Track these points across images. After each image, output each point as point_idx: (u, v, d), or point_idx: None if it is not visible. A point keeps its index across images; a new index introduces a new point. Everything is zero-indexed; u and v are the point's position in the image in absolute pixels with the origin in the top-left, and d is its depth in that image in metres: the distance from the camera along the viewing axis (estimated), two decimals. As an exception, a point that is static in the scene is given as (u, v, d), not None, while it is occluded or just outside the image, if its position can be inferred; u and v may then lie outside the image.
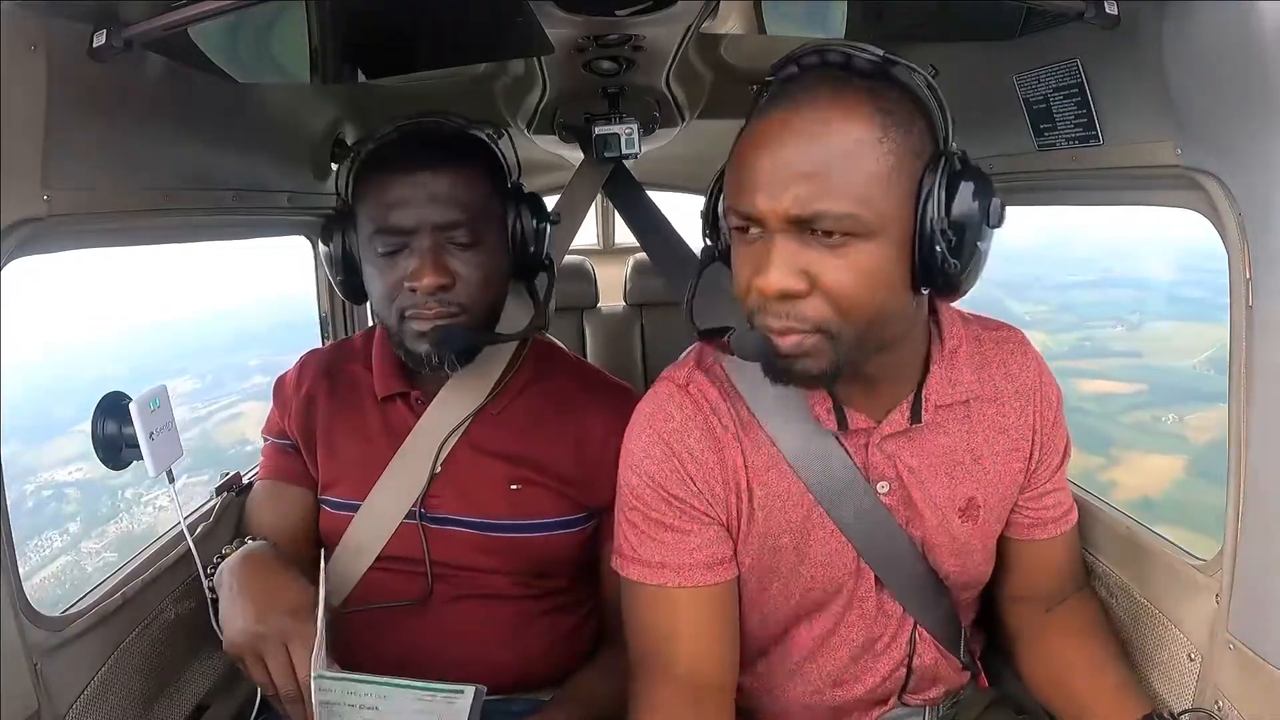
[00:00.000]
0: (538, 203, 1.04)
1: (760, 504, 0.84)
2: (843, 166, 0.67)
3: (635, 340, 2.48)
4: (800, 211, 0.67)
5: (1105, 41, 0.80)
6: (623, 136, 1.22)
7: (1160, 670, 0.88)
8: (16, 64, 0.67)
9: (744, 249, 0.72)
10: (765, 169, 0.68)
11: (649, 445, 0.84)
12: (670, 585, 0.83)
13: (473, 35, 0.98)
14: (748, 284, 0.71)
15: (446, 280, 0.93)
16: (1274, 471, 0.72)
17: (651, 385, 0.90)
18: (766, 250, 0.69)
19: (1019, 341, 0.90)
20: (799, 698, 0.94)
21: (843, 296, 0.69)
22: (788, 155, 0.67)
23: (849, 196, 0.67)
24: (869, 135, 0.67)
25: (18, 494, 7.34)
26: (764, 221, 0.69)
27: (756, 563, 0.87)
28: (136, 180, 0.89)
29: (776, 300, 0.69)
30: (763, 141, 0.69)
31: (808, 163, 0.67)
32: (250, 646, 0.82)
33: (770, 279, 0.68)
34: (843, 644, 0.91)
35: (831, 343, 0.70)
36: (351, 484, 1.04)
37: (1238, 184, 0.71)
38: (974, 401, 0.86)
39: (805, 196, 0.66)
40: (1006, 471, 0.88)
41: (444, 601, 1.01)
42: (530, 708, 0.99)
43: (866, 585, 0.88)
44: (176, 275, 35.18)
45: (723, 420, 0.84)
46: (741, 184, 0.70)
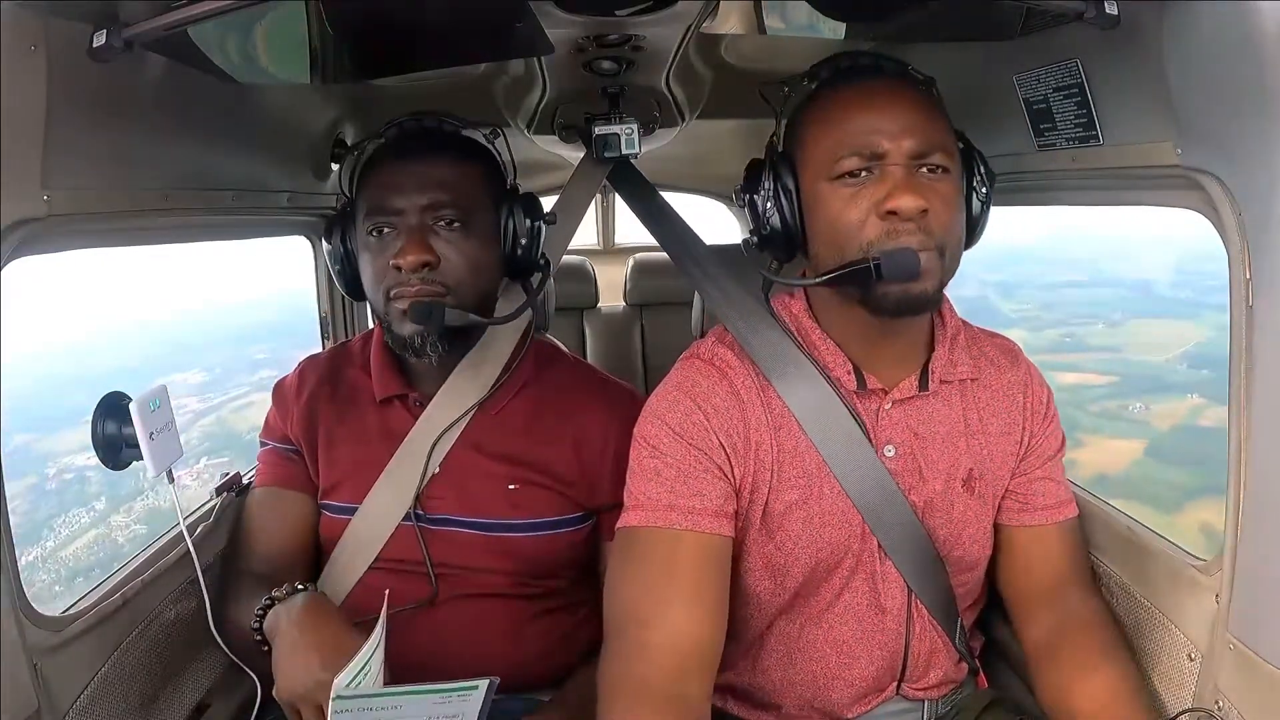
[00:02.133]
0: (533, 203, 1.05)
1: (777, 459, 0.89)
2: (932, 116, 0.84)
3: (635, 340, 2.48)
4: (924, 146, 0.81)
5: (1105, 41, 0.80)
6: (623, 136, 1.22)
7: (1160, 670, 0.88)
8: (16, 64, 0.67)
9: (852, 191, 0.82)
10: (878, 118, 0.82)
11: (675, 399, 0.90)
12: (678, 527, 0.85)
13: (473, 35, 0.99)
14: (865, 218, 0.82)
15: (430, 257, 0.95)
16: (1274, 471, 0.72)
17: (674, 366, 0.96)
18: (892, 180, 0.81)
19: (1011, 349, 1.00)
20: (801, 676, 0.95)
21: (946, 218, 0.82)
22: (894, 108, 0.82)
23: (943, 136, 0.84)
24: (932, 101, 0.86)
25: (39, 477, 7.44)
26: (887, 157, 0.81)
27: (768, 520, 0.89)
28: (136, 180, 0.89)
29: (912, 218, 0.80)
30: (862, 101, 0.83)
31: (912, 114, 0.82)
32: (312, 698, 0.81)
33: (909, 199, 0.79)
34: (847, 612, 0.93)
35: (941, 262, 0.82)
36: (351, 487, 1.04)
37: (1238, 184, 0.71)
38: (970, 383, 0.94)
39: (923, 136, 0.81)
40: (999, 449, 0.94)
41: (443, 601, 1.01)
42: (529, 708, 0.99)
43: (870, 551, 0.91)
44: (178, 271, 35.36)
45: (746, 381, 0.91)
46: (852, 133, 0.82)
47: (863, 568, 0.92)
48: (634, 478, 0.89)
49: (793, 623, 0.94)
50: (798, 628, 0.94)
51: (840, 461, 0.89)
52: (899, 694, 0.96)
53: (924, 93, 0.86)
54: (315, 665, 0.82)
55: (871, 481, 0.89)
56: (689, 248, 1.14)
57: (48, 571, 15.05)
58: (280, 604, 0.90)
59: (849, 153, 0.82)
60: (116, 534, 13.66)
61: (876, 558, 0.91)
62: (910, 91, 0.85)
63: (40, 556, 15.11)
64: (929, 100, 0.86)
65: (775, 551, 0.90)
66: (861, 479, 0.89)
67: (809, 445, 0.89)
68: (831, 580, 0.92)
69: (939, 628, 0.95)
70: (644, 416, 0.91)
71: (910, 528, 0.91)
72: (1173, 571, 0.87)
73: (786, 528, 0.90)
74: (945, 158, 0.82)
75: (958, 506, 0.92)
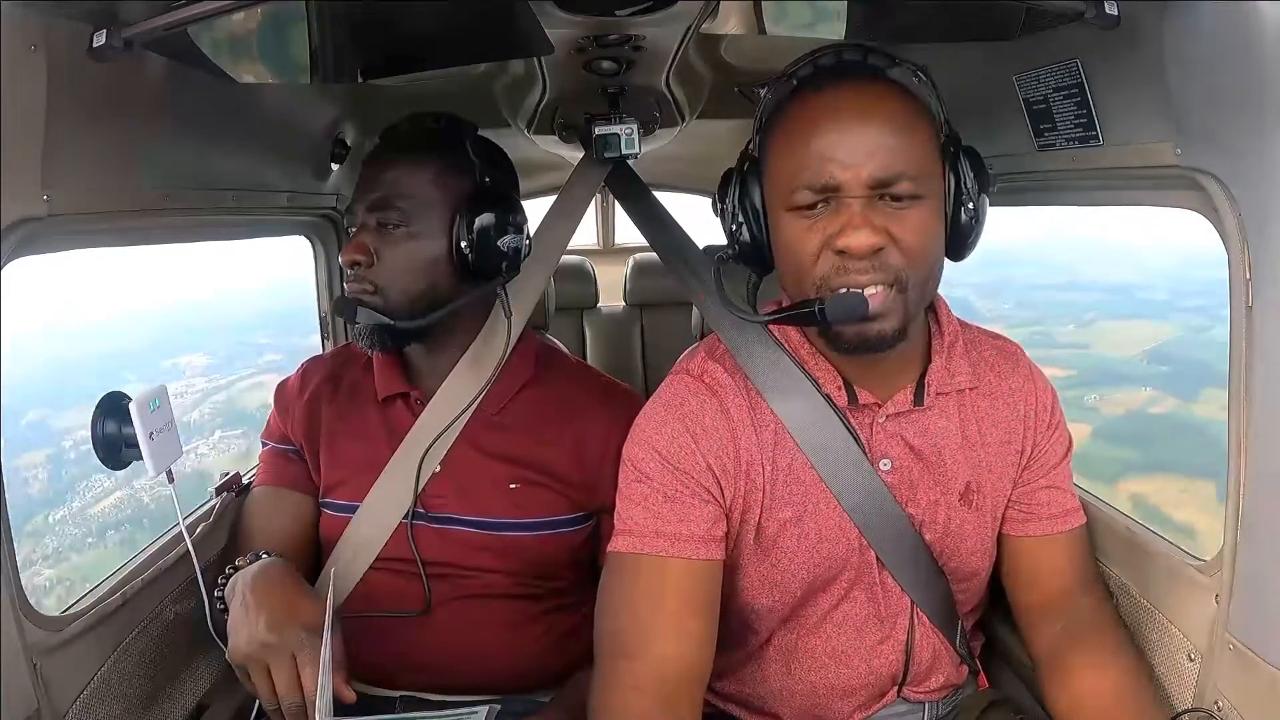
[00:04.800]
0: (504, 204, 1.01)
1: (769, 478, 0.87)
2: (905, 135, 0.76)
3: (635, 340, 2.48)
4: (884, 174, 0.75)
5: (1105, 41, 0.80)
6: (623, 136, 1.22)
7: (1160, 670, 0.88)
8: (16, 64, 0.67)
9: (808, 223, 0.78)
10: (838, 142, 0.75)
11: (662, 422, 0.88)
12: (664, 555, 0.84)
13: (473, 35, 0.99)
14: (819, 252, 0.78)
15: (359, 256, 0.98)
16: (1274, 471, 0.72)
17: (664, 379, 0.93)
18: (846, 215, 0.76)
19: (1012, 351, 0.96)
20: (801, 686, 0.94)
21: (912, 249, 0.77)
22: (858, 127, 0.75)
23: (914, 161, 0.76)
24: (913, 110, 0.78)
25: (57, 449, 8.42)
26: (841, 189, 0.76)
27: (762, 539, 0.88)
28: (136, 180, 0.89)
29: (864, 257, 0.76)
30: (825, 119, 0.76)
31: (879, 133, 0.75)
32: (258, 656, 0.81)
33: (862, 236, 0.75)
34: (846, 622, 0.92)
35: (902, 298, 0.78)
36: (353, 486, 1.04)
37: (1237, 184, 0.71)
38: (969, 393, 0.91)
39: (886, 161, 0.75)
40: (999, 460, 0.91)
41: (444, 602, 1.01)
42: (530, 708, 1.00)
43: (868, 564, 0.90)
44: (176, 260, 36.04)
45: (736, 400, 0.89)
46: (808, 160, 0.76)
47: (862, 580, 0.91)
48: (622, 501, 0.88)
49: (791, 633, 0.94)
50: (796, 638, 0.94)
51: (836, 477, 0.87)
52: (900, 697, 0.96)
53: (904, 99, 0.79)
54: (262, 626, 0.82)
55: (868, 496, 0.87)
56: (684, 253, 1.13)
57: (77, 526, 15.82)
58: (239, 571, 0.91)
59: (802, 185, 0.77)
60: (141, 494, 14.34)
61: (875, 569, 0.90)
62: (886, 103, 0.77)
63: (68, 515, 15.91)
64: (908, 109, 0.78)
65: (771, 569, 0.90)
66: (857, 493, 0.87)
67: (804, 462, 0.87)
68: (829, 592, 0.91)
69: (940, 635, 0.94)
70: (632, 438, 0.89)
71: (908, 540, 0.89)
72: (1172, 571, 0.87)
73: (782, 544, 0.89)
74: (914, 184, 0.76)
75: (955, 520, 0.90)
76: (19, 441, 15.95)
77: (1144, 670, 0.86)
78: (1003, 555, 0.95)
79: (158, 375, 22.59)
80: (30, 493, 16.68)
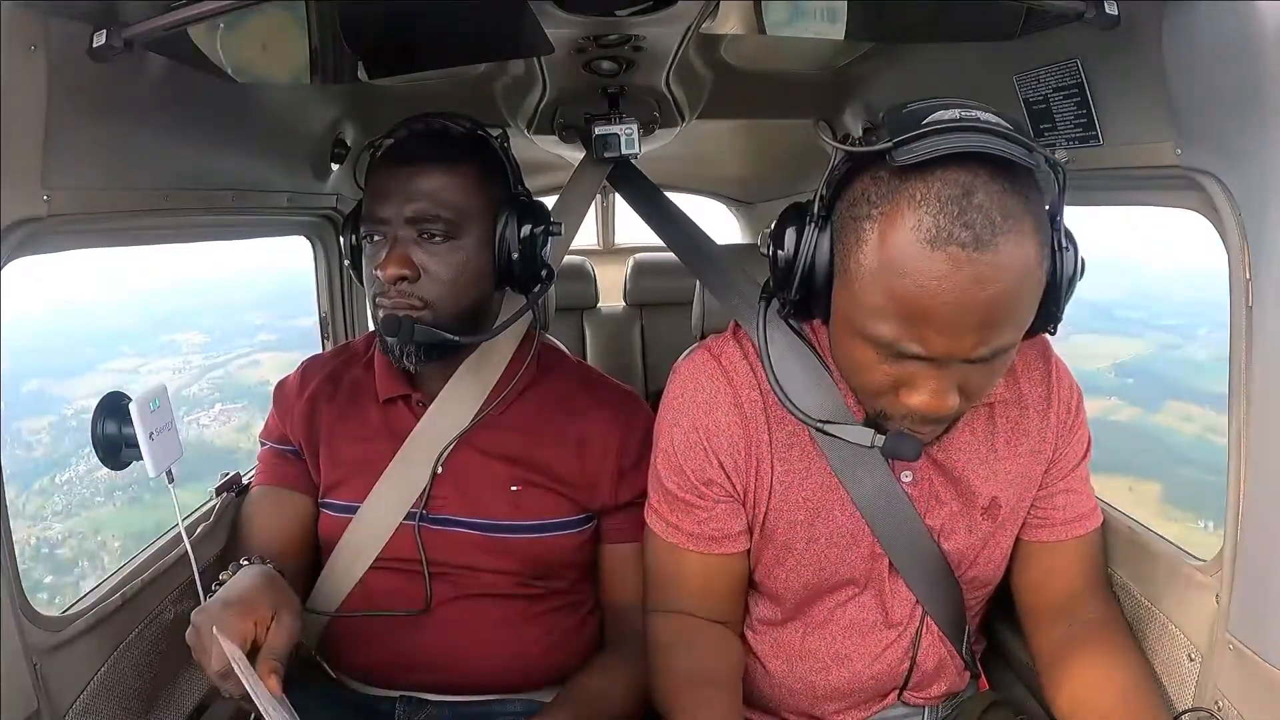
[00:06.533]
0: (538, 211, 1.01)
1: (780, 478, 0.87)
2: (1017, 301, 0.67)
3: (635, 340, 2.48)
4: (984, 353, 0.67)
5: (1105, 41, 0.80)
6: (623, 136, 1.22)
7: (1160, 670, 0.88)
8: (16, 64, 0.67)
9: (881, 360, 0.71)
10: (946, 315, 0.65)
11: (675, 418, 0.90)
12: (680, 546, 0.90)
13: (473, 35, 0.98)
14: (885, 390, 0.73)
15: (406, 271, 0.93)
16: (1274, 471, 0.72)
17: (683, 358, 0.95)
18: (935, 382, 0.70)
19: (1042, 348, 0.92)
20: (800, 685, 0.94)
21: (977, 395, 0.73)
22: (970, 301, 0.64)
23: (1018, 325, 0.69)
24: (1035, 258, 0.66)
25: (59, 416, 9.44)
26: (936, 360, 0.68)
27: (773, 536, 0.89)
28: (136, 180, 0.89)
29: (932, 417, 0.72)
30: (938, 282, 0.64)
31: (991, 308, 0.65)
32: (189, 637, 0.76)
33: (947, 403, 0.70)
34: (852, 625, 0.92)
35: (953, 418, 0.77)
36: (353, 486, 1.04)
37: (1237, 184, 0.71)
38: (998, 404, 0.88)
39: (989, 338, 0.67)
40: (1028, 471, 0.89)
41: (444, 602, 1.01)
42: (530, 708, 0.99)
43: (880, 570, 0.90)
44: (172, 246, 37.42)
45: (750, 394, 0.88)
46: (908, 321, 0.67)
47: (871, 584, 0.91)
48: (652, 482, 0.94)
49: (795, 631, 0.94)
50: (799, 636, 0.94)
51: (855, 482, 0.86)
52: (900, 700, 0.96)
53: (1024, 254, 0.65)
54: (212, 604, 0.77)
55: (887, 505, 0.86)
56: (700, 248, 1.12)
57: (85, 487, 16.35)
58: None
59: (892, 340, 0.68)
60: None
61: (885, 574, 0.90)
62: (1011, 267, 0.64)
63: (75, 476, 16.43)
64: (1024, 266, 0.65)
65: (777, 567, 0.90)
66: (876, 501, 0.86)
67: (821, 465, 0.86)
68: (836, 593, 0.91)
69: (947, 641, 0.93)
70: (656, 428, 0.93)
71: (926, 550, 0.88)
72: (1172, 571, 0.87)
73: (790, 545, 0.88)
74: (1012, 332, 0.68)
75: (977, 532, 0.89)
76: (18, 408, 16.67)
77: (1147, 671, 0.86)
78: (1014, 557, 0.94)
79: (155, 349, 23.08)
80: (35, 455, 17.32)
